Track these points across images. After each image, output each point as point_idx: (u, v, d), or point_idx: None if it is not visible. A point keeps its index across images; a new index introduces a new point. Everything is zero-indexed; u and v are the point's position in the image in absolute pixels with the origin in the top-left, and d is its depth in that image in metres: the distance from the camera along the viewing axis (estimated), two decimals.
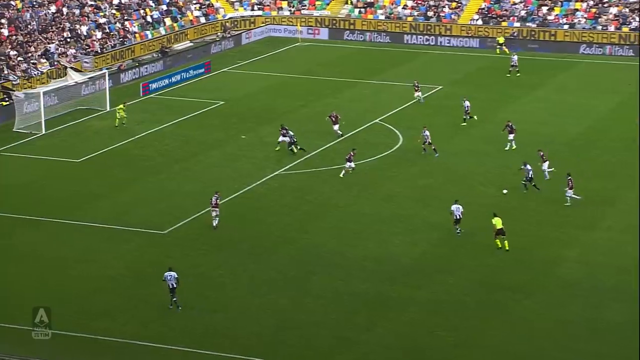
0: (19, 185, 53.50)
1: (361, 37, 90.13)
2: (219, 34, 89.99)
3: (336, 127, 60.76)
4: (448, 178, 54.57)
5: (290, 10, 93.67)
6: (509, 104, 68.74)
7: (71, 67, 72.62)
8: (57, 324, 37.91)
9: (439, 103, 69.68)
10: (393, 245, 46.04)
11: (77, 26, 78.91)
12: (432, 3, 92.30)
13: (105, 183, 53.81)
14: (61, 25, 77.69)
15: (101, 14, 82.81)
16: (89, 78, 70.94)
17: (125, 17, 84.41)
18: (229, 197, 51.48)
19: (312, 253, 45.26)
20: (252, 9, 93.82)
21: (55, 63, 72.90)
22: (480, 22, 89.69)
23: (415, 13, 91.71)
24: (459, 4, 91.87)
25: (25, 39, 73.70)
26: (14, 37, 73.32)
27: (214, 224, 47.01)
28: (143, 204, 50.92)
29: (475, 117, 63.44)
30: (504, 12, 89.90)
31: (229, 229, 47.63)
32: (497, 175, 54.56)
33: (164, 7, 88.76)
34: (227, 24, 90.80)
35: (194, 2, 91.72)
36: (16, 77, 69.00)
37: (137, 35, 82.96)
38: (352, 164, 54.16)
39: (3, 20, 75.05)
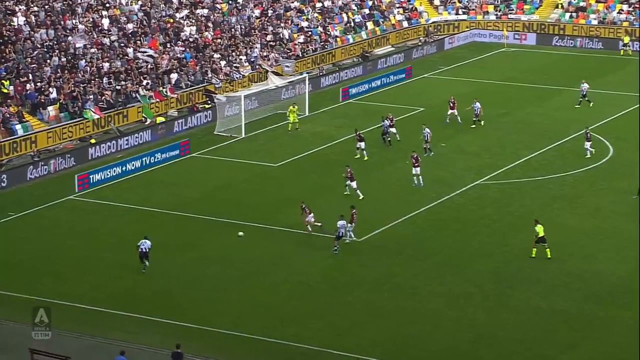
0: (218, 188, 54.93)
1: (571, 43, 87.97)
2: (421, 38, 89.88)
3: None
4: None
5: (496, 15, 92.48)
6: None
7: (272, 71, 74.16)
8: (247, 328, 38.85)
9: None
10: (599, 262, 44.72)
11: (280, 30, 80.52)
12: None
13: (303, 188, 54.54)
14: (264, 30, 79.45)
15: (304, 17, 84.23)
16: (289, 82, 72.29)
17: (328, 21, 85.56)
18: (427, 206, 51.26)
19: (512, 267, 44.51)
20: (457, 13, 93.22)
21: (257, 67, 74.62)
22: None
23: (632, 18, 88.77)
24: None
25: (229, 43, 75.77)
26: (218, 41, 75.50)
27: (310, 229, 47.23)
28: (340, 210, 51.17)
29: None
30: None
31: (427, 239, 47.43)
32: None
33: (367, 11, 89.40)
34: (430, 28, 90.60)
35: (397, 6, 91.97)
36: (219, 81, 71.04)
37: (338, 39, 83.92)
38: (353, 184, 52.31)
39: (209, 24, 77.41)
